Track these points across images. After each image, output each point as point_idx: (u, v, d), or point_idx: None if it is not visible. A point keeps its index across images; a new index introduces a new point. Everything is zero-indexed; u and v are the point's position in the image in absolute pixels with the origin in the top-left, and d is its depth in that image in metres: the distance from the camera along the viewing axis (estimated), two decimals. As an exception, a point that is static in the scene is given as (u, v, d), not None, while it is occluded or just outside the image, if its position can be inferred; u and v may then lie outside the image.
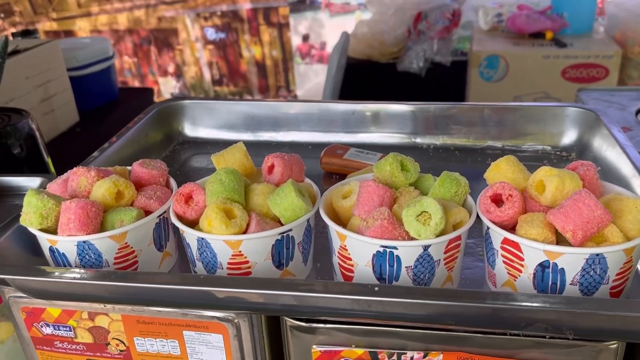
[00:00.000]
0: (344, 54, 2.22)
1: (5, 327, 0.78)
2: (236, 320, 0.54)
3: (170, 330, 0.56)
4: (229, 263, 0.52)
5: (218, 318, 0.54)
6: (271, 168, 0.57)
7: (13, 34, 2.51)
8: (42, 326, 0.59)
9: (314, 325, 0.51)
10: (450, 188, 0.52)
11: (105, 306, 0.56)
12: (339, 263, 0.53)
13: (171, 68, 2.91)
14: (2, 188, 0.82)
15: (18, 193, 0.81)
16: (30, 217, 0.52)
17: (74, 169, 0.56)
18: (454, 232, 0.49)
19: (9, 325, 0.77)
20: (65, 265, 0.55)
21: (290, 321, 0.52)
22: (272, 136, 0.86)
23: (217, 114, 0.85)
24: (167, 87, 2.90)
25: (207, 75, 2.92)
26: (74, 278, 0.50)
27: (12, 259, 0.57)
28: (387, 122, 0.81)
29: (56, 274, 0.51)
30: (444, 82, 2.15)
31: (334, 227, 0.51)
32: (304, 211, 0.52)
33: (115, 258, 0.53)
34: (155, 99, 2.74)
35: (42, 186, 0.79)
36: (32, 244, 0.59)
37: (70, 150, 1.34)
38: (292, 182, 0.52)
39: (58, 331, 0.59)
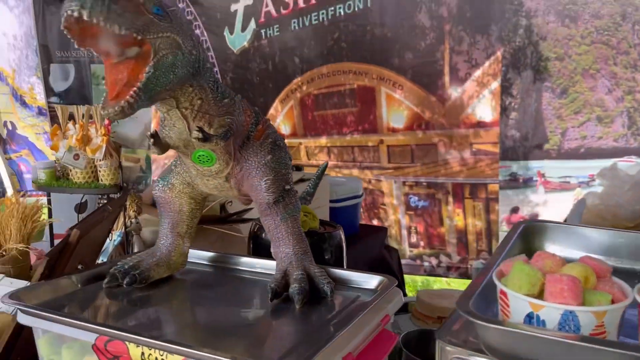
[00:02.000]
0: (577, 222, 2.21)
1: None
2: None
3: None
4: None
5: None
6: None
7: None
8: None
9: None
10: None
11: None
12: None
13: (375, 222, 3.12)
14: (347, 281, 0.93)
15: (354, 286, 0.92)
16: (520, 283, 0.58)
17: (538, 252, 0.64)
18: None
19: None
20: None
21: None
22: (630, 263, 0.88)
23: (572, 238, 0.91)
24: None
25: (405, 236, 3.09)
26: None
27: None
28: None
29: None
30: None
31: None
32: None
33: (590, 334, 0.57)
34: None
35: (376, 289, 0.89)
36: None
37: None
38: None
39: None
